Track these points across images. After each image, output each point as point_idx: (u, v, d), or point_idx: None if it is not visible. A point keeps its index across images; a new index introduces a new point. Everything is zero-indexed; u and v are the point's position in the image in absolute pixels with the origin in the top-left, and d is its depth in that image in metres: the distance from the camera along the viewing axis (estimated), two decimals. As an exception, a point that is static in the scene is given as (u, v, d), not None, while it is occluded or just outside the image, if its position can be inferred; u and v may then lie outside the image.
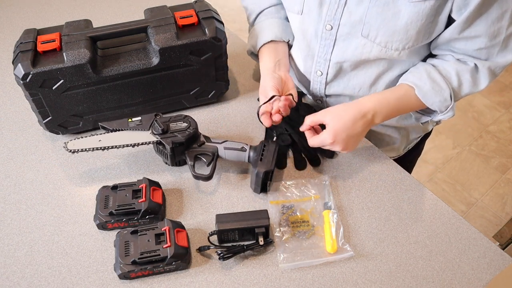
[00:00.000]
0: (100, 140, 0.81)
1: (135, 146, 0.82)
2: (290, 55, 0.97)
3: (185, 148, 0.82)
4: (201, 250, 0.75)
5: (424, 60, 0.86)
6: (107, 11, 1.40)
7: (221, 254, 0.73)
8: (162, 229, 0.72)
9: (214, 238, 0.76)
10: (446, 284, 0.72)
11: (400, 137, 1.04)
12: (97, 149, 0.81)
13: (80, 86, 0.88)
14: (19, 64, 0.83)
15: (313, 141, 0.81)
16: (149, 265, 0.70)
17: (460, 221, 0.80)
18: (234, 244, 0.76)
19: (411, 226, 0.79)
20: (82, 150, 0.81)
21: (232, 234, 0.75)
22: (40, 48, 0.86)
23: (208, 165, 0.81)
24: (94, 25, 0.94)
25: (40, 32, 0.90)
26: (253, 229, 0.74)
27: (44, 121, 0.92)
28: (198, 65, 0.94)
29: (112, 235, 0.77)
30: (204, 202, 0.84)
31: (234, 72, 1.14)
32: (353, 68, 0.87)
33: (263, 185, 0.82)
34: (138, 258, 0.69)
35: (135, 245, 0.71)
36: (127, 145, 0.82)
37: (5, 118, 1.02)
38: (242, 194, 0.85)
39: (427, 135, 1.13)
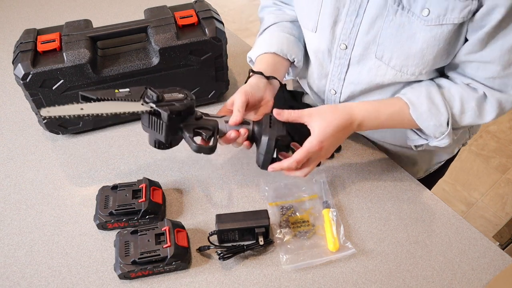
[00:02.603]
0: (82, 109, 0.68)
1: (123, 115, 0.69)
2: (305, 75, 0.93)
3: (181, 121, 0.71)
4: (201, 250, 0.75)
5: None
6: (107, 11, 1.40)
7: (221, 254, 0.73)
8: (162, 229, 0.72)
9: (214, 238, 0.76)
10: (446, 284, 0.72)
11: (420, 160, 0.96)
12: (77, 117, 0.68)
13: (80, 86, 0.88)
14: (19, 64, 0.83)
15: (298, 155, 0.70)
16: (149, 265, 0.70)
17: (460, 221, 0.80)
18: (234, 244, 0.76)
19: (411, 226, 0.79)
20: (58, 118, 0.68)
21: (232, 234, 0.75)
22: (40, 48, 0.86)
23: (208, 139, 0.72)
24: (94, 25, 0.94)
25: (40, 32, 0.91)
26: (253, 229, 0.74)
27: (44, 121, 0.92)
28: (198, 65, 0.94)
29: (112, 235, 0.77)
30: (204, 202, 0.84)
31: (234, 72, 1.14)
32: (368, 91, 0.82)
33: (274, 159, 0.72)
34: (138, 258, 0.69)
35: (135, 245, 0.71)
36: (114, 114, 0.68)
37: (5, 118, 1.02)
38: (242, 194, 0.85)
39: (452, 157, 1.03)
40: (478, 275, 0.73)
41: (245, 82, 0.80)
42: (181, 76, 0.95)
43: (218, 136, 0.73)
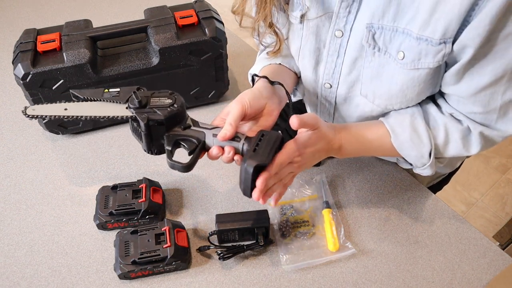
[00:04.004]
0: (66, 109, 0.67)
1: (104, 119, 0.67)
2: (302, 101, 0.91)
3: (165, 130, 0.65)
4: (201, 250, 0.75)
5: None
6: (107, 11, 1.40)
7: (221, 254, 0.73)
8: (162, 229, 0.72)
9: (214, 238, 0.76)
10: (446, 284, 0.72)
11: (419, 176, 0.89)
12: (60, 117, 0.67)
13: (80, 86, 0.88)
14: (19, 64, 0.83)
15: (281, 156, 0.62)
16: (149, 265, 0.70)
17: (460, 221, 0.80)
18: (234, 244, 0.76)
19: (411, 226, 0.79)
20: (42, 117, 0.67)
21: (232, 234, 0.75)
22: (40, 48, 0.86)
23: (190, 154, 0.65)
24: (94, 25, 0.94)
25: (40, 32, 0.91)
26: (253, 229, 0.74)
27: (44, 121, 0.92)
28: (198, 65, 0.94)
29: (112, 235, 0.77)
30: (204, 202, 0.84)
31: (234, 72, 1.14)
32: (358, 122, 0.80)
33: (255, 186, 0.62)
34: (138, 258, 0.69)
35: (135, 245, 0.71)
36: (96, 117, 0.67)
37: (5, 118, 1.02)
38: (242, 194, 0.85)
39: (455, 170, 1.00)
40: (478, 275, 0.73)
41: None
42: (181, 76, 0.95)
43: (205, 150, 0.66)
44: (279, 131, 0.68)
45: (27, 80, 0.83)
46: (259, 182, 0.60)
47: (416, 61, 0.63)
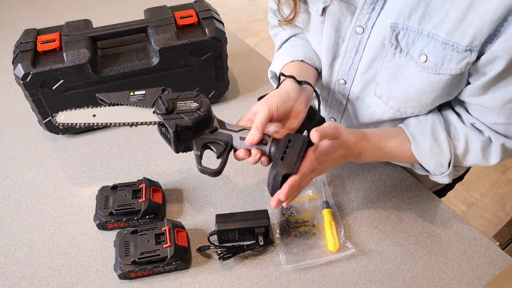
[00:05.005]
0: (94, 115, 0.68)
1: (133, 126, 0.69)
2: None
3: (193, 134, 0.66)
4: (201, 250, 0.75)
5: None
6: (107, 11, 1.40)
7: (221, 254, 0.73)
8: (162, 229, 0.72)
9: (214, 238, 0.76)
10: (446, 284, 0.72)
11: (423, 180, 0.90)
12: (89, 125, 0.68)
13: (80, 86, 0.88)
14: (19, 64, 0.83)
15: (305, 167, 0.62)
16: (149, 265, 0.70)
17: (460, 221, 0.80)
18: (234, 244, 0.76)
19: (411, 226, 0.79)
20: (72, 125, 0.68)
21: (232, 234, 0.75)
22: (40, 48, 0.86)
23: (218, 157, 0.66)
24: (94, 25, 0.94)
25: (40, 32, 0.91)
26: (253, 229, 0.74)
27: (44, 121, 0.92)
28: (198, 65, 0.94)
29: (112, 235, 0.77)
30: (204, 202, 0.84)
31: (234, 72, 1.14)
32: (366, 126, 0.80)
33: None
34: (138, 258, 0.69)
35: (135, 245, 0.71)
36: (125, 124, 0.68)
37: (5, 118, 1.02)
38: (242, 194, 0.85)
39: (458, 178, 0.96)
40: (478, 275, 0.73)
41: (277, 87, 0.75)
42: (181, 76, 0.95)
43: (232, 152, 0.67)
44: (306, 132, 0.68)
45: (27, 80, 0.83)
46: (282, 195, 0.61)
47: (438, 66, 0.61)
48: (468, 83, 0.65)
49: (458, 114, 0.71)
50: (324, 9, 0.71)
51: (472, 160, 0.70)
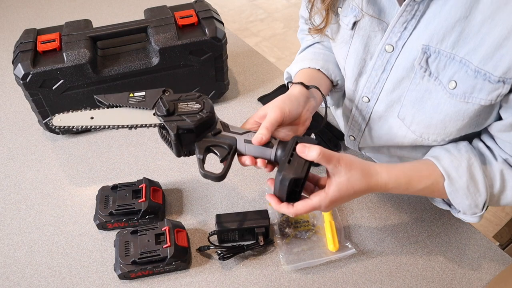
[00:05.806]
0: (92, 118, 0.65)
1: (133, 129, 0.65)
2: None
3: (196, 137, 0.63)
4: (201, 250, 0.75)
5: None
6: (107, 11, 1.40)
7: (221, 254, 0.73)
8: (162, 229, 0.72)
9: (214, 238, 0.76)
10: (446, 284, 0.72)
11: None
12: (87, 127, 0.65)
13: (80, 86, 0.89)
14: (19, 64, 0.83)
15: (303, 208, 0.61)
16: (149, 265, 0.70)
17: (460, 221, 0.80)
18: (234, 244, 0.76)
19: (411, 226, 0.79)
20: (68, 128, 0.65)
21: (232, 234, 0.75)
22: (40, 48, 0.86)
23: (222, 161, 0.63)
24: (94, 25, 0.94)
25: (40, 32, 0.91)
26: (253, 229, 0.74)
27: (44, 121, 0.92)
28: (198, 65, 0.94)
29: (112, 235, 0.77)
30: (204, 202, 0.84)
31: (234, 72, 1.14)
32: (386, 148, 0.79)
33: (291, 195, 0.61)
34: (138, 258, 0.69)
35: (135, 245, 0.71)
36: (124, 127, 0.65)
37: (5, 118, 1.02)
38: (242, 194, 0.85)
39: None
40: (478, 275, 0.73)
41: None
42: (181, 76, 0.95)
43: (236, 156, 0.64)
44: (313, 135, 0.66)
45: (27, 80, 0.83)
46: (292, 213, 0.61)
47: (468, 94, 0.58)
48: (499, 116, 0.62)
49: (489, 148, 0.67)
50: (354, 23, 0.69)
51: (506, 200, 0.65)
